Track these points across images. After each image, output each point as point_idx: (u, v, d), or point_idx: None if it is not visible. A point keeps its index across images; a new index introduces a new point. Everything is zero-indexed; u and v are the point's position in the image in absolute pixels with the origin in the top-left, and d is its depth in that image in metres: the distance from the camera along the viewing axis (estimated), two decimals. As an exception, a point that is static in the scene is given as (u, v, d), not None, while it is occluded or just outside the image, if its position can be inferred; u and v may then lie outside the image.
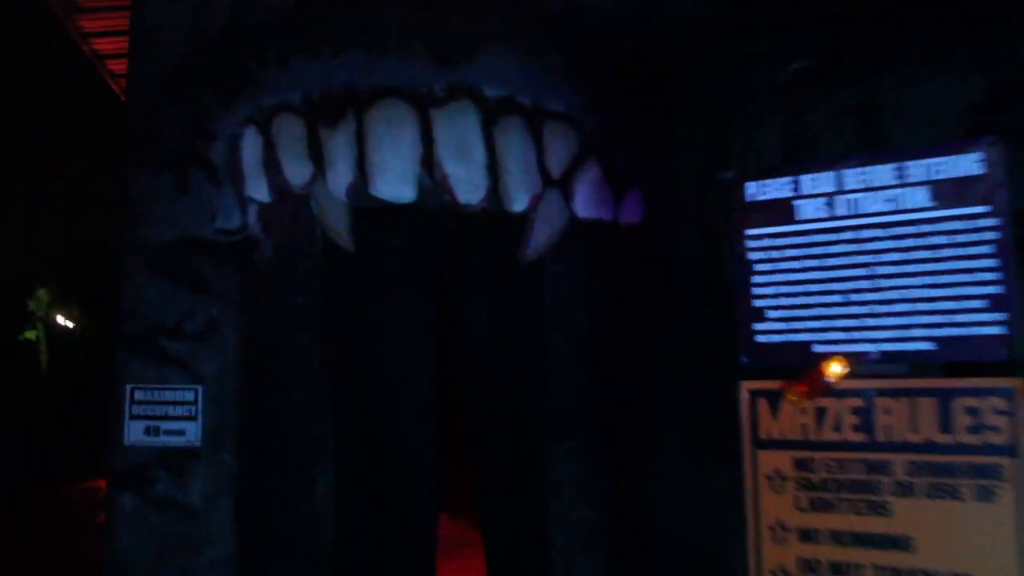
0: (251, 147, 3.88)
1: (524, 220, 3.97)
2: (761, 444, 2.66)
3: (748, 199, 2.74)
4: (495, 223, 4.15)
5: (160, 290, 3.82)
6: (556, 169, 3.90)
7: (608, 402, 4.02)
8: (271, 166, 3.87)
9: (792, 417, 2.63)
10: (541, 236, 3.98)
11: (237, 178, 3.87)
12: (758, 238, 2.71)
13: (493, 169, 3.86)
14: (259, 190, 3.89)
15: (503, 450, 4.24)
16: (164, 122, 3.88)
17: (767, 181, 2.72)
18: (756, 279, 2.71)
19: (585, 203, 3.92)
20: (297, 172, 3.86)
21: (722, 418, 3.84)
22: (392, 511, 4.27)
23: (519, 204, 3.86)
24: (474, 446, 4.33)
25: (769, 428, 2.65)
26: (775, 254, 2.71)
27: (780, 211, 2.68)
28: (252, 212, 3.92)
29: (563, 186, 3.90)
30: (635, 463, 3.90)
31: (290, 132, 3.86)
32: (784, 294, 2.66)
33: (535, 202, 3.87)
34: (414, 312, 4.24)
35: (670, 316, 3.99)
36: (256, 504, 3.90)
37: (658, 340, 3.93)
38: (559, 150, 3.90)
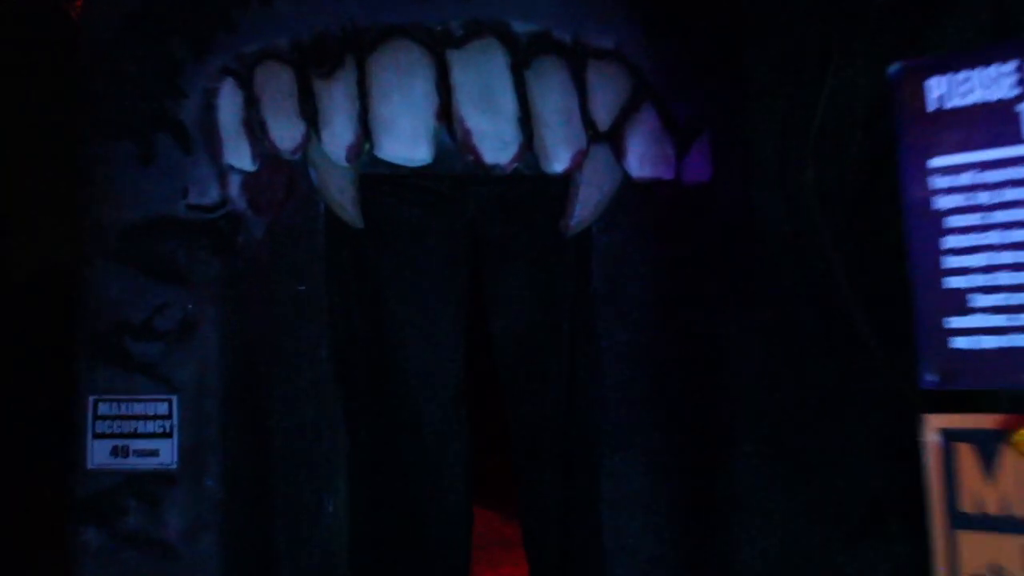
0: (229, 104, 2.74)
1: (566, 183, 2.81)
2: (963, 521, 1.42)
3: (932, 107, 1.48)
4: (531, 187, 2.99)
5: (124, 281, 2.70)
6: (604, 119, 2.73)
7: (673, 406, 2.86)
8: (254, 126, 2.73)
9: (1024, 475, 1.41)
10: (587, 202, 2.81)
11: (213, 142, 2.73)
12: (953, 172, 1.44)
13: (526, 122, 2.71)
14: (240, 156, 2.75)
15: (547, 462, 3.10)
16: (123, 78, 2.76)
17: (969, 72, 1.43)
18: (951, 242, 1.46)
19: (640, 160, 2.74)
20: (286, 133, 2.72)
21: (846, 459, 2.69)
22: (419, 527, 3.15)
23: (559, 163, 2.70)
24: (513, 455, 3.18)
25: (979, 495, 1.41)
26: (986, 198, 1.44)
27: (996, 123, 1.41)
28: (233, 183, 2.79)
29: (613, 140, 2.74)
30: (709, 493, 2.75)
31: (277, 84, 2.72)
32: (1007, 266, 1.41)
33: (579, 160, 2.71)
34: (438, 297, 3.09)
35: (750, 300, 2.81)
36: (249, 537, 2.80)
37: (736, 331, 2.77)
38: (607, 96, 2.73)
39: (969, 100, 1.44)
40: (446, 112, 2.71)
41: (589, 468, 2.99)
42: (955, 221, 1.47)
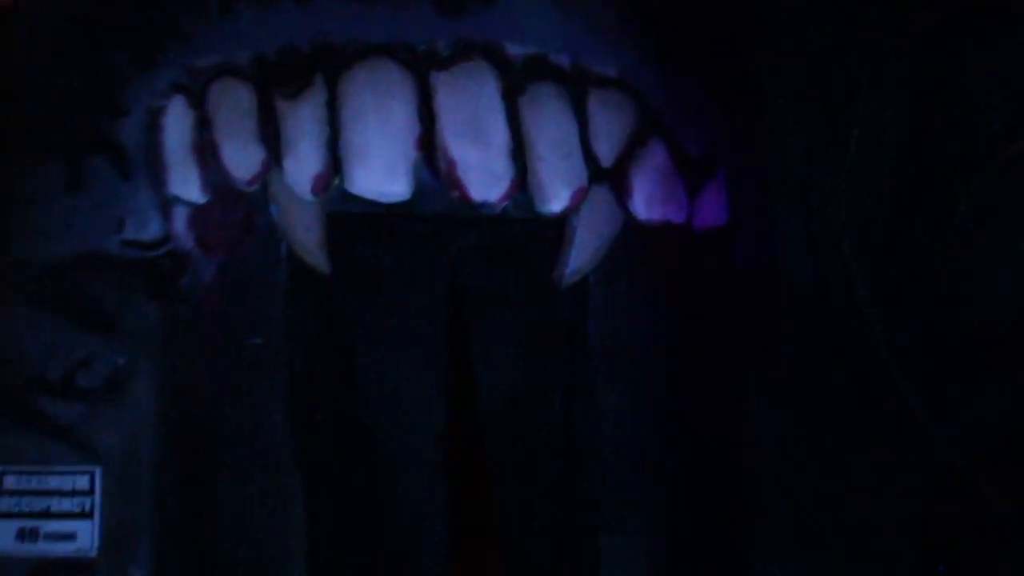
0: (177, 125, 2.25)
1: (561, 226, 2.38)
2: None
3: None
4: (521, 230, 2.55)
5: (41, 328, 2.19)
6: (607, 154, 2.30)
7: (682, 482, 2.41)
8: (205, 151, 2.25)
9: None
10: (586, 248, 2.38)
11: (156, 169, 2.24)
12: None
13: (519, 155, 2.27)
14: (188, 185, 2.26)
15: (538, 542, 2.60)
16: (56, 92, 2.30)
17: None
18: None
19: (647, 200, 2.32)
20: (243, 159, 2.24)
21: (886, 549, 2.26)
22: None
23: (557, 202, 2.26)
24: (500, 534, 2.69)
25: None
26: None
27: None
28: (179, 217, 2.30)
29: (616, 177, 2.30)
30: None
31: (234, 104, 2.24)
32: None
33: (578, 200, 2.28)
34: (416, 354, 2.61)
35: (771, 363, 2.39)
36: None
37: (754, 398, 2.34)
38: (610, 128, 2.30)
39: None
40: (428, 141, 2.27)
41: (586, 551, 2.52)
42: None
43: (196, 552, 2.24)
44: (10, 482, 2.14)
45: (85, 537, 2.13)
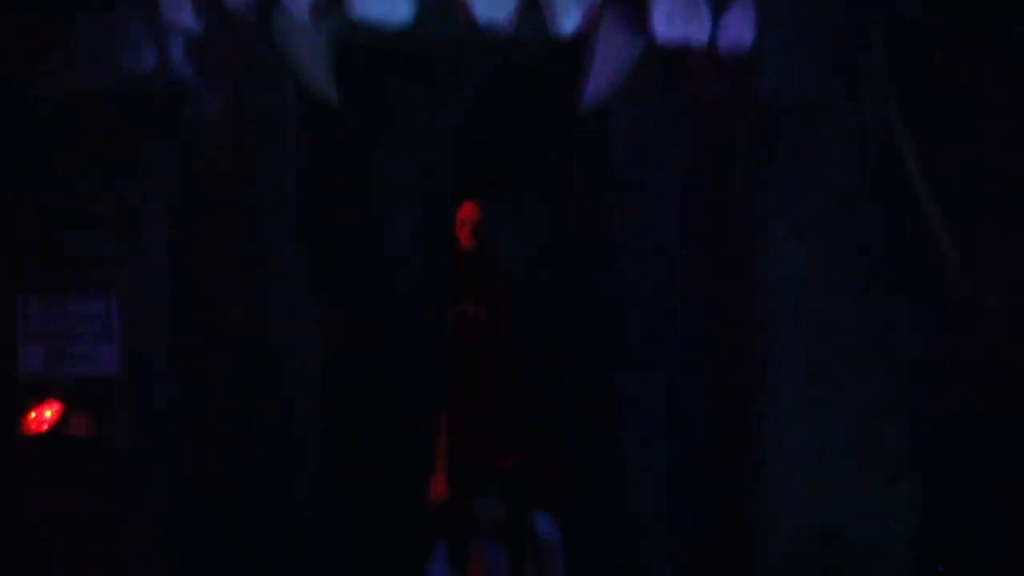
0: (167, -52, 2.12)
1: (578, 48, 2.17)
2: None
3: None
4: (536, 54, 2.36)
5: (51, 167, 2.14)
6: None
7: (701, 325, 2.31)
8: (198, -25, 2.11)
9: None
10: (603, 71, 2.18)
11: (147, -6, 2.12)
12: None
13: (527, -27, 2.06)
14: (181, 11, 2.12)
15: (552, 388, 2.55)
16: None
17: None
18: None
19: (668, 18, 2.11)
20: (236, -17, 2.09)
21: (899, 402, 2.15)
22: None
23: (569, 22, 2.08)
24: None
25: None
26: None
27: None
28: (176, 46, 2.17)
29: None
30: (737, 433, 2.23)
31: (225, -77, 2.09)
32: None
33: (592, 19, 2.08)
34: (431, 185, 2.49)
35: (796, 197, 2.20)
36: (211, 452, 2.33)
37: (777, 234, 2.17)
38: None
39: None
40: (432, -40, 2.07)
41: (605, 397, 2.47)
42: None
43: (218, 374, 2.27)
44: (34, 308, 2.17)
45: (107, 358, 2.17)
